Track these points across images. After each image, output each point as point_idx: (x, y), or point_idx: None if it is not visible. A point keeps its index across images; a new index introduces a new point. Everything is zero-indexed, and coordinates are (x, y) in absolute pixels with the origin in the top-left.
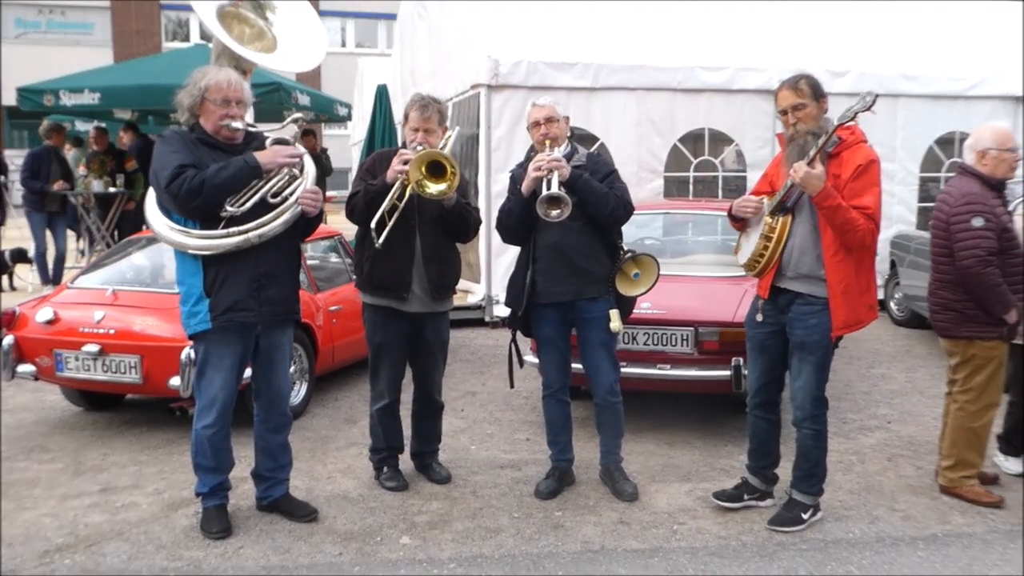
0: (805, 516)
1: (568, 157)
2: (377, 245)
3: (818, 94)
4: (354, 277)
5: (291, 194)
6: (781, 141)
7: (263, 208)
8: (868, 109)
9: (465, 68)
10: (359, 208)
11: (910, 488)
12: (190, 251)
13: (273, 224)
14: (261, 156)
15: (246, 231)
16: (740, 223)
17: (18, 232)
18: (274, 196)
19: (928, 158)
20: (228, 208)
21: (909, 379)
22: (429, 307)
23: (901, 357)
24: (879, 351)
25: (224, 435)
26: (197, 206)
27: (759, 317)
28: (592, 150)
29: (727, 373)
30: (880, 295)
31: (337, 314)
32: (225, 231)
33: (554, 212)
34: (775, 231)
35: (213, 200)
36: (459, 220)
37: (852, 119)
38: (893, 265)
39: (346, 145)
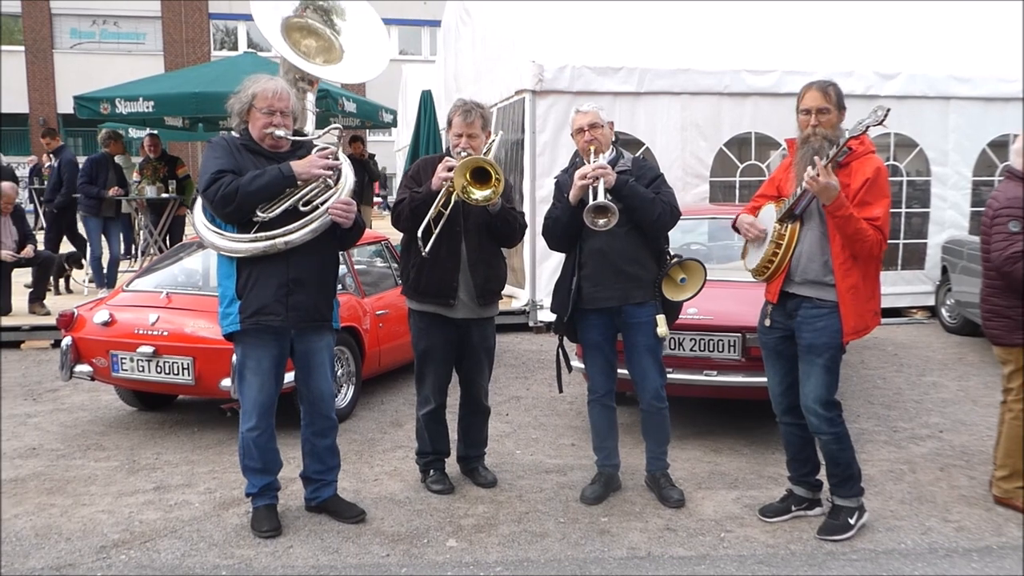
0: (852, 521)
1: (613, 163)
2: (424, 253)
3: (841, 104)
4: (400, 283)
5: (322, 204)
6: (791, 146)
7: (293, 216)
8: (880, 123)
9: (509, 73)
10: (404, 215)
11: (963, 499)
12: (221, 253)
13: (300, 232)
14: (296, 165)
15: (272, 237)
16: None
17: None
18: (305, 205)
19: (981, 162)
20: (259, 214)
21: (962, 387)
22: (475, 313)
23: (953, 365)
24: (930, 359)
25: (268, 436)
26: (231, 211)
27: (767, 322)
28: (637, 155)
29: None
30: (931, 301)
31: (384, 318)
32: (253, 236)
33: (601, 221)
34: (784, 237)
35: (246, 206)
36: (504, 225)
37: (863, 132)
38: (945, 271)
39: (391, 151)
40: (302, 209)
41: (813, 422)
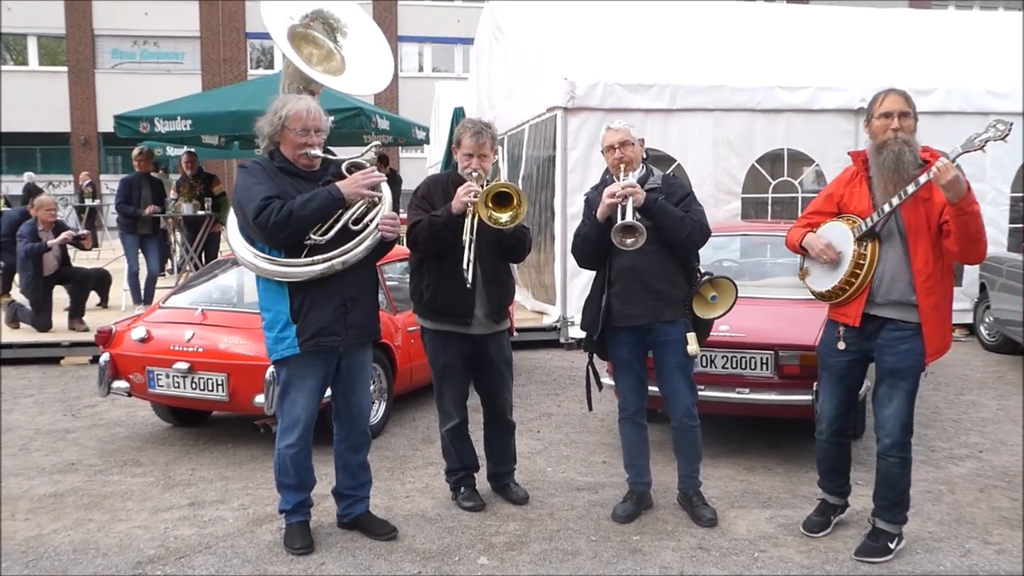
0: (892, 545)
1: (643, 181)
2: (468, 285)
3: (915, 113)
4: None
5: (371, 220)
6: (855, 158)
7: (345, 235)
8: (1003, 138)
9: (541, 90)
10: (423, 238)
11: (1004, 520)
12: (275, 279)
13: (356, 251)
14: (344, 187)
15: (331, 258)
16: (805, 250)
17: (111, 254)
18: (355, 223)
19: (1020, 178)
20: (312, 237)
21: (1001, 407)
22: (489, 328)
23: (992, 384)
24: (969, 377)
25: (306, 454)
26: (284, 237)
27: (841, 345)
28: (668, 172)
29: (808, 397)
30: (969, 319)
31: (415, 334)
32: (310, 259)
33: (629, 240)
34: (865, 258)
35: (300, 231)
36: (517, 243)
37: (981, 147)
38: (983, 288)
39: (423, 168)
40: (352, 228)
41: (886, 443)
